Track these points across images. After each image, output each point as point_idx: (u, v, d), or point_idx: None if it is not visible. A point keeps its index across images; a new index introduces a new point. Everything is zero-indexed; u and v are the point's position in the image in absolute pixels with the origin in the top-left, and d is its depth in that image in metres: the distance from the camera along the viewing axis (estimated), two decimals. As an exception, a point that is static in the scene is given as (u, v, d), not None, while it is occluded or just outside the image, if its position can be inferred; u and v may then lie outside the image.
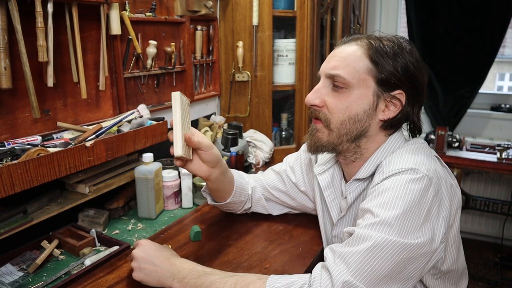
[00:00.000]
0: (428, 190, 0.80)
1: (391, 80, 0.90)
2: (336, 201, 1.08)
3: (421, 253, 0.77)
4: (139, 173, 1.33)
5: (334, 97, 0.93)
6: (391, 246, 0.74)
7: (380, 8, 3.09)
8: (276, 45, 1.96)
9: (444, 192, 0.83)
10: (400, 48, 0.92)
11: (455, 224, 0.88)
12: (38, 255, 1.09)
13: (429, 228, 0.79)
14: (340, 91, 0.92)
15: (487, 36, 2.61)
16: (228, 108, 2.06)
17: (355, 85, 0.91)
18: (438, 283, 0.91)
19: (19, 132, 1.15)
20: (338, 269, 0.75)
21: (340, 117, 0.92)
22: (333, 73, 0.92)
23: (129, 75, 1.50)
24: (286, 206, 1.29)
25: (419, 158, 0.85)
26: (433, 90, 2.83)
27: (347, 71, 0.91)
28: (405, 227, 0.76)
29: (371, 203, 0.82)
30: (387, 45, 0.92)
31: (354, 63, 0.91)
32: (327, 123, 0.94)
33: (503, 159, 2.38)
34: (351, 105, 0.92)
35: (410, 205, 0.77)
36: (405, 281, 0.78)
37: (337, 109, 0.92)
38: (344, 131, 0.93)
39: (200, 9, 1.76)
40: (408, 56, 0.92)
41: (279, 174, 1.24)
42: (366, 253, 0.74)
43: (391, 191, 0.80)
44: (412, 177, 0.80)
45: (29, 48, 1.06)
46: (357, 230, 0.79)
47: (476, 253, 2.86)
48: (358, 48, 0.93)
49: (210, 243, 1.14)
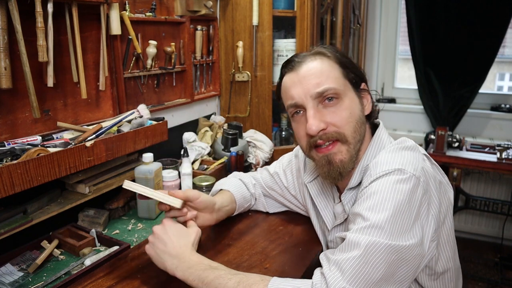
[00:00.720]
0: (416, 189, 0.80)
1: (357, 77, 0.96)
2: (328, 208, 1.09)
3: (413, 255, 0.77)
4: (139, 173, 1.33)
5: (333, 113, 0.91)
6: (383, 249, 0.74)
7: (380, 8, 3.09)
8: (276, 45, 1.96)
9: (433, 190, 0.84)
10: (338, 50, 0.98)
11: (447, 222, 0.87)
12: (38, 255, 1.09)
13: (419, 228, 0.79)
14: (333, 103, 0.91)
15: (487, 36, 2.61)
16: (228, 108, 2.06)
17: (343, 92, 0.92)
18: (436, 284, 0.91)
19: (19, 132, 1.15)
20: (333, 276, 0.75)
21: (351, 125, 0.91)
22: (321, 89, 0.90)
23: (129, 75, 1.50)
24: (282, 205, 1.31)
25: (405, 158, 0.84)
26: (433, 90, 2.83)
27: (332, 81, 0.91)
28: (396, 228, 0.76)
29: (360, 207, 0.82)
30: (334, 51, 0.97)
31: (331, 73, 0.92)
32: (343, 137, 0.91)
33: (503, 159, 2.38)
34: (352, 111, 0.92)
35: (399, 206, 0.78)
36: (400, 283, 0.78)
37: (344, 120, 0.91)
38: (358, 138, 0.93)
39: (200, 9, 1.76)
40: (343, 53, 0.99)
41: (272, 176, 1.27)
42: (359, 258, 0.74)
43: (379, 193, 0.80)
44: (399, 178, 0.80)
45: (29, 48, 1.06)
46: (348, 235, 0.79)
47: (476, 253, 2.86)
48: (324, 59, 0.94)
49: (210, 243, 1.14)
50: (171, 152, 1.72)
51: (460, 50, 2.68)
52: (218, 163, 1.68)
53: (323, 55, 0.95)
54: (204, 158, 1.74)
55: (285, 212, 1.32)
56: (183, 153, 1.47)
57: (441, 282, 0.91)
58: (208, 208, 1.06)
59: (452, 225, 0.91)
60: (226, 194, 1.19)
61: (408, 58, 3.02)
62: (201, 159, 1.72)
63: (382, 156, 0.88)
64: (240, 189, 1.24)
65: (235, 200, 1.20)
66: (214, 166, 1.66)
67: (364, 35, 2.91)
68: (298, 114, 0.95)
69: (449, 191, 0.91)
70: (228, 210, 1.17)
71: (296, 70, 0.94)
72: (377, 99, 3.19)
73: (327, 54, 0.95)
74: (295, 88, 0.93)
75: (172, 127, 1.75)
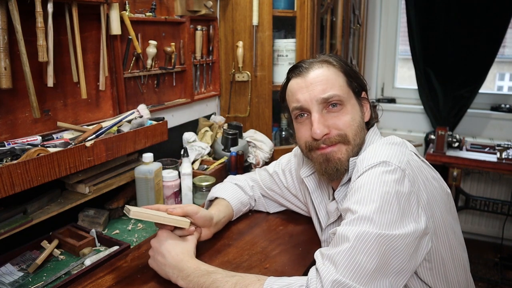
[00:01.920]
0: (403, 180, 0.81)
1: (358, 86, 1.01)
2: (323, 204, 1.11)
3: (404, 244, 0.77)
4: (139, 173, 1.33)
5: (336, 117, 0.96)
6: (373, 239, 0.75)
7: (380, 8, 3.09)
8: (276, 45, 1.96)
9: (421, 182, 0.84)
10: (342, 59, 1.03)
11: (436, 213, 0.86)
12: (38, 255, 1.09)
13: (410, 218, 0.79)
14: (337, 109, 0.96)
15: (487, 36, 2.61)
16: (228, 108, 2.06)
17: (346, 99, 0.97)
18: (438, 279, 0.89)
19: (19, 132, 1.15)
20: (326, 269, 0.75)
21: (353, 128, 0.97)
22: (326, 95, 0.95)
23: (129, 75, 1.50)
24: (282, 205, 1.32)
25: (391, 151, 0.86)
26: (433, 90, 2.83)
27: (337, 89, 0.96)
28: (384, 219, 0.77)
29: (349, 202, 0.83)
30: (340, 60, 1.02)
31: (337, 81, 0.97)
32: (345, 138, 0.96)
33: (503, 159, 2.38)
34: (353, 116, 0.97)
35: (386, 197, 0.79)
36: (395, 275, 0.78)
37: (347, 124, 0.96)
38: (358, 141, 0.98)
39: (200, 9, 1.76)
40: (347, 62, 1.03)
41: (272, 177, 1.27)
42: (350, 249, 0.75)
43: (366, 186, 0.82)
44: (384, 169, 0.82)
45: (29, 48, 1.06)
46: (338, 229, 0.80)
47: (476, 253, 2.86)
48: (330, 67, 0.99)
49: (210, 243, 1.14)
50: (171, 152, 1.72)
51: (460, 50, 2.68)
52: (218, 163, 1.68)
53: (329, 63, 1.00)
54: (204, 158, 1.74)
55: (285, 212, 1.32)
56: (183, 153, 1.47)
57: (443, 277, 0.90)
58: (205, 223, 1.08)
59: (450, 218, 0.91)
60: (222, 204, 1.21)
61: (408, 58, 3.02)
62: (201, 159, 1.72)
63: (368, 151, 0.90)
64: (237, 195, 1.25)
65: (232, 208, 1.22)
66: (214, 166, 1.66)
67: (364, 35, 2.91)
68: (302, 117, 1.00)
69: (439, 185, 0.92)
70: (225, 221, 1.20)
71: (304, 75, 0.99)
72: (377, 99, 3.20)
73: (333, 63, 1.00)
74: (301, 92, 0.97)
75: (172, 127, 1.75)
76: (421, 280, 0.89)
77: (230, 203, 1.22)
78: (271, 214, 1.32)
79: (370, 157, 0.86)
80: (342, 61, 1.02)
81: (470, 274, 1.00)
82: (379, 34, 3.15)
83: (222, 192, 1.24)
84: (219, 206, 1.19)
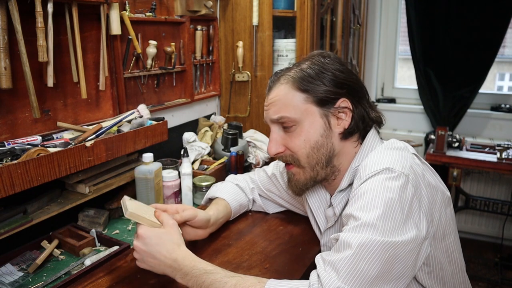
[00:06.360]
0: (406, 186, 0.80)
1: (329, 96, 0.94)
2: (321, 209, 1.10)
3: (407, 250, 0.77)
4: (139, 173, 1.33)
5: (290, 138, 0.97)
6: (376, 246, 0.75)
7: (380, 8, 3.09)
8: (276, 45, 1.96)
9: (423, 187, 0.84)
10: (320, 64, 0.96)
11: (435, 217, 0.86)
12: (38, 255, 1.09)
13: (412, 224, 0.79)
14: (291, 129, 0.96)
15: (487, 36, 2.61)
16: (228, 108, 2.06)
17: (302, 118, 0.95)
18: (436, 283, 0.90)
19: (19, 132, 1.15)
20: (328, 276, 0.75)
21: (304, 152, 0.96)
22: (277, 117, 0.96)
23: (129, 75, 1.50)
24: (281, 205, 1.32)
25: (393, 157, 0.85)
26: (433, 90, 2.83)
27: (288, 110, 0.95)
28: (388, 225, 0.77)
29: (352, 208, 0.83)
30: (307, 68, 0.95)
31: (289, 101, 0.95)
32: (297, 162, 0.98)
33: (503, 159, 2.38)
34: (307, 137, 0.95)
35: (390, 203, 0.78)
36: (396, 280, 0.78)
37: (298, 146, 0.96)
38: (314, 162, 0.97)
39: (200, 9, 1.76)
40: (331, 67, 0.95)
41: (270, 178, 1.27)
42: (353, 256, 0.74)
43: (369, 192, 0.81)
44: (388, 176, 0.81)
45: (29, 48, 1.06)
46: (341, 235, 0.79)
47: (476, 253, 2.86)
48: (285, 86, 0.96)
49: (210, 243, 1.14)
50: (171, 152, 1.72)
51: (460, 50, 2.68)
52: (218, 163, 1.68)
53: (285, 82, 0.96)
54: (204, 158, 1.74)
55: (285, 212, 1.32)
56: (183, 153, 1.47)
57: (440, 280, 0.90)
58: (203, 226, 1.09)
59: (449, 222, 0.91)
60: (221, 204, 1.20)
61: (408, 58, 3.02)
62: (201, 159, 1.72)
63: (371, 157, 0.89)
64: (237, 196, 1.25)
65: (230, 209, 1.22)
66: (214, 166, 1.66)
67: (364, 35, 2.91)
68: None
69: (441, 188, 0.91)
70: (222, 221, 1.20)
71: (268, 93, 1.01)
72: (377, 99, 3.19)
73: (288, 81, 0.96)
74: (264, 110, 1.02)
75: (172, 127, 1.75)
76: (419, 283, 0.89)
77: (229, 204, 1.22)
78: (271, 214, 1.32)
79: (373, 163, 0.85)
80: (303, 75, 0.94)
81: (466, 275, 1.00)
82: (379, 34, 3.15)
83: (223, 192, 1.24)
84: (218, 206, 1.19)
